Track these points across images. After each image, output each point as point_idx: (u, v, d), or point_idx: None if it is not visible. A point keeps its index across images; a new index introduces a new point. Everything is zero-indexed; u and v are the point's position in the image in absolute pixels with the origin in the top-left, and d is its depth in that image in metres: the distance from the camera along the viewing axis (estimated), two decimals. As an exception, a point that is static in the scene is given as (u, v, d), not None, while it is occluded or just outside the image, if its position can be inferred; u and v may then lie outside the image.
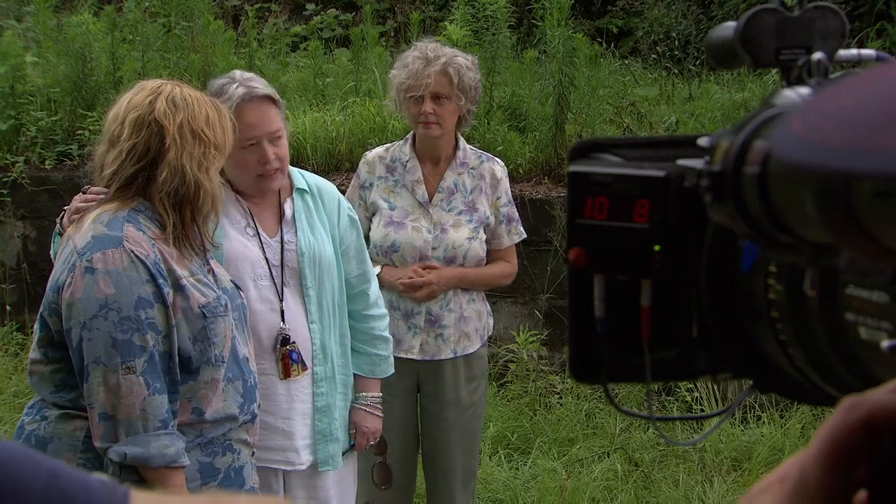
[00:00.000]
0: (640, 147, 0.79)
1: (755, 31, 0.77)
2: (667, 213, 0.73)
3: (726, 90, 6.99)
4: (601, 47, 7.18)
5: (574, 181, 0.77)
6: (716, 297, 0.74)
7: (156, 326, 2.29)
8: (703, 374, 0.79)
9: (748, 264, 0.70)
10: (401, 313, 3.50)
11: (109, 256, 2.28)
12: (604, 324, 0.77)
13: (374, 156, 3.59)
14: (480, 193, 3.55)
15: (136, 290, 2.27)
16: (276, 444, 2.91)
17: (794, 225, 0.51)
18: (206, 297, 2.39)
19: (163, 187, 2.35)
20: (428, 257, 3.47)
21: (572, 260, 0.76)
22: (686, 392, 5.19)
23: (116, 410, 2.26)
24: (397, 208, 3.50)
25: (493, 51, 6.33)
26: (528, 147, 6.02)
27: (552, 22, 6.06)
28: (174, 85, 2.44)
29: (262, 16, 8.60)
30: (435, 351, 3.52)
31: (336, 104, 6.53)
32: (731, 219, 0.56)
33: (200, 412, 2.41)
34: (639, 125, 6.44)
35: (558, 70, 6.03)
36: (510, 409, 5.28)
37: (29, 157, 6.44)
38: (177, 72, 6.60)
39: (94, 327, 2.25)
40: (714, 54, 0.82)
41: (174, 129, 2.35)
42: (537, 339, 5.44)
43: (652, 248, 0.74)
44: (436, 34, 6.64)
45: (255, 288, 2.86)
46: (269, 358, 2.87)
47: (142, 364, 2.27)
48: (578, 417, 5.17)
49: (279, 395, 2.90)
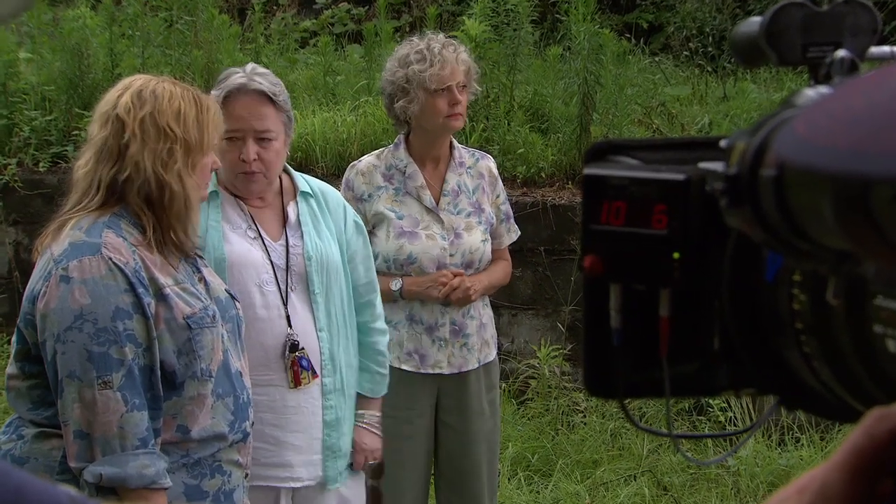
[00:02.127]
0: (660, 149, 0.80)
1: (781, 26, 0.77)
2: (687, 219, 0.74)
3: (763, 89, 6.98)
4: (629, 43, 7.18)
5: (589, 185, 0.77)
6: (738, 307, 0.74)
7: (135, 338, 2.27)
8: (726, 390, 0.80)
9: (772, 273, 0.71)
10: (423, 327, 3.50)
11: (86, 264, 2.27)
12: (620, 335, 0.78)
13: (366, 165, 3.57)
14: (483, 193, 3.60)
15: (114, 300, 2.26)
16: (285, 459, 2.91)
17: (813, 231, 0.51)
18: (192, 308, 2.38)
19: (132, 187, 2.35)
20: (446, 265, 3.48)
21: (587, 268, 0.77)
22: (719, 411, 5.17)
23: (92, 428, 2.25)
24: (405, 217, 3.50)
25: (515, 47, 6.34)
26: (551, 150, 6.02)
27: (577, 17, 6.07)
28: (155, 81, 2.43)
29: (270, 10, 8.63)
30: (461, 362, 3.54)
31: (347, 104, 6.55)
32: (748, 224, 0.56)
33: (186, 430, 2.39)
34: (669, 127, 6.44)
35: (583, 68, 6.04)
36: (530, 428, 5.27)
37: (22, 159, 6.48)
38: (179, 69, 6.64)
39: (69, 339, 2.25)
40: (739, 51, 0.83)
41: (134, 124, 2.34)
42: (560, 353, 5.44)
43: (671, 255, 0.74)
44: (454, 29, 6.65)
45: (261, 294, 2.87)
46: (277, 367, 2.87)
47: (119, 378, 2.25)
48: (603, 438, 5.16)
49: (288, 408, 2.89)
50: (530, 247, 5.50)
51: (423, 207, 3.52)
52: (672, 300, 0.76)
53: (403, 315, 3.50)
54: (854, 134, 0.41)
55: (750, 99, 6.74)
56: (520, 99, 6.41)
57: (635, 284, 0.77)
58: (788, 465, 4.92)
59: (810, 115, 0.45)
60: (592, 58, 6.05)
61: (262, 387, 2.81)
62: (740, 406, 5.10)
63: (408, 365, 3.50)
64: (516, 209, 5.43)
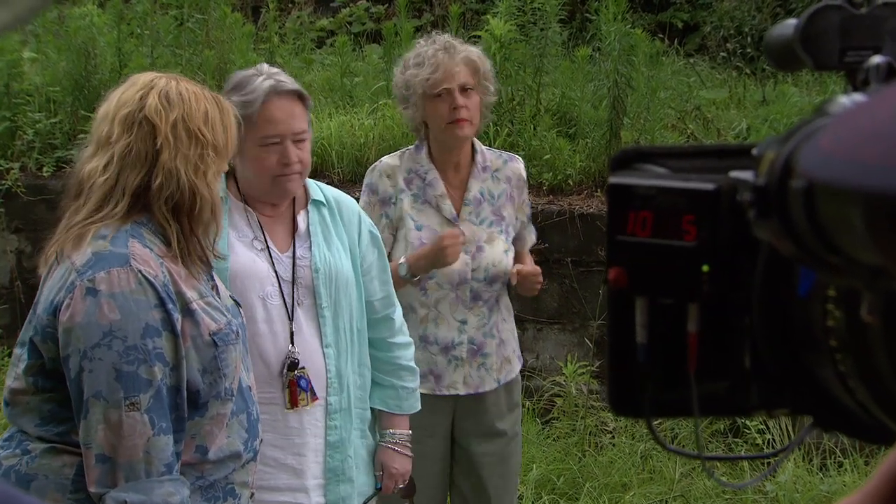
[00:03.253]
0: (689, 157, 0.81)
1: (818, 29, 0.78)
2: (716, 230, 0.75)
3: (805, 93, 6.96)
4: (663, 44, 7.18)
5: (614, 194, 0.78)
6: (770, 323, 0.75)
7: (163, 357, 2.24)
8: (757, 410, 0.80)
9: (805, 288, 0.71)
10: (438, 347, 3.49)
11: (115, 277, 2.23)
12: (646, 351, 0.78)
13: (387, 166, 3.55)
14: (507, 199, 3.58)
15: (144, 316, 2.22)
16: (284, 483, 2.89)
17: (845, 245, 0.52)
18: (217, 323, 2.36)
19: (159, 195, 2.32)
20: (467, 281, 3.47)
21: (612, 280, 0.78)
22: (756, 434, 5.15)
23: (116, 452, 2.22)
24: (424, 228, 3.48)
25: (542, 48, 6.35)
26: (579, 156, 6.02)
27: (608, 16, 6.07)
28: (170, 79, 2.41)
29: (285, 8, 8.68)
30: (478, 383, 3.53)
31: (365, 106, 6.58)
32: (777, 237, 0.57)
33: (204, 451, 2.37)
34: (705, 132, 6.43)
35: (614, 70, 6.04)
36: (556, 449, 5.26)
37: (25, 164, 6.53)
38: (189, 69, 6.68)
39: (96, 357, 2.21)
40: (773, 55, 0.84)
41: (167, 128, 2.32)
42: (587, 370, 5.43)
43: (700, 268, 0.75)
44: (477, 29, 6.68)
45: (264, 308, 2.86)
46: (277, 384, 2.86)
47: (147, 400, 2.22)
48: (633, 460, 5.14)
49: (290, 428, 2.88)
50: (557, 258, 5.51)
51: (442, 219, 3.50)
52: (701, 315, 0.76)
53: (417, 335, 3.46)
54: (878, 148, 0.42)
55: (791, 103, 6.72)
56: (546, 102, 6.42)
57: (662, 298, 0.78)
58: (830, 492, 4.88)
59: (835, 128, 0.45)
60: (623, 59, 6.05)
61: (263, 405, 2.78)
62: (779, 428, 5.08)
63: (423, 388, 3.49)
64: (542, 217, 5.45)
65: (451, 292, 3.47)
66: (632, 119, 6.22)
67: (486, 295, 3.50)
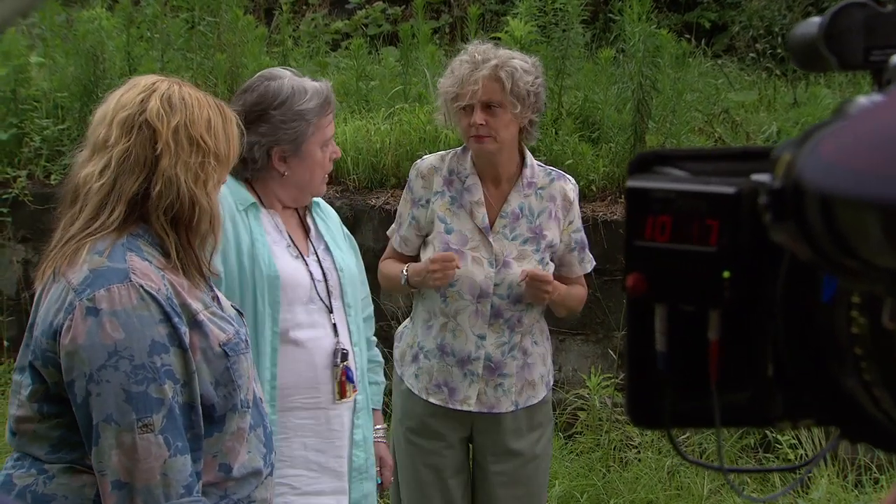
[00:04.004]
0: (709, 160, 0.81)
1: (842, 28, 0.78)
2: (738, 235, 0.75)
3: (839, 94, 6.94)
4: (689, 45, 7.17)
5: (632, 198, 0.79)
6: (793, 331, 0.75)
7: (173, 374, 2.21)
8: (782, 421, 0.80)
9: (829, 294, 0.71)
10: (455, 359, 3.49)
11: (115, 294, 2.20)
12: (666, 360, 0.78)
13: (428, 166, 3.56)
14: (550, 218, 3.53)
15: (150, 333, 2.19)
16: (328, 486, 2.97)
17: (863, 250, 0.52)
18: (226, 333, 2.34)
19: (158, 203, 2.28)
20: (488, 295, 3.45)
21: (630, 287, 0.78)
22: (788, 448, 5.13)
23: (133, 477, 2.19)
24: (454, 232, 3.49)
25: (563, 50, 6.36)
26: (602, 161, 6.02)
27: (632, 16, 6.07)
28: (172, 83, 2.38)
29: (299, 10, 8.71)
30: (493, 403, 3.52)
31: (381, 111, 6.59)
32: (793, 241, 0.57)
33: (228, 468, 2.35)
34: (733, 136, 6.42)
35: (638, 72, 6.04)
36: (579, 464, 5.26)
37: (32, 171, 6.58)
38: (201, 74, 6.72)
39: (103, 379, 2.17)
40: (797, 55, 0.84)
41: (168, 133, 2.29)
42: (611, 383, 5.43)
43: (721, 274, 0.75)
44: (497, 30, 6.69)
45: (307, 312, 2.95)
46: (325, 384, 2.95)
47: (160, 420, 2.19)
48: (660, 476, 5.13)
49: (332, 431, 2.97)
50: (580, 266, 5.50)
51: (474, 226, 3.49)
52: (722, 322, 0.77)
53: (435, 344, 3.49)
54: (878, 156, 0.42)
55: (823, 105, 6.70)
56: (568, 105, 6.42)
57: (682, 305, 0.78)
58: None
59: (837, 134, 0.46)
60: (648, 61, 6.05)
61: (308, 410, 2.91)
62: (812, 443, 5.06)
63: (435, 398, 3.51)
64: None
65: (472, 305, 3.46)
66: (657, 123, 6.22)
67: (507, 313, 3.47)
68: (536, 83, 3.45)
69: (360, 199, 6.01)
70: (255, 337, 2.83)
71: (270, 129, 2.89)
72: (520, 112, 3.40)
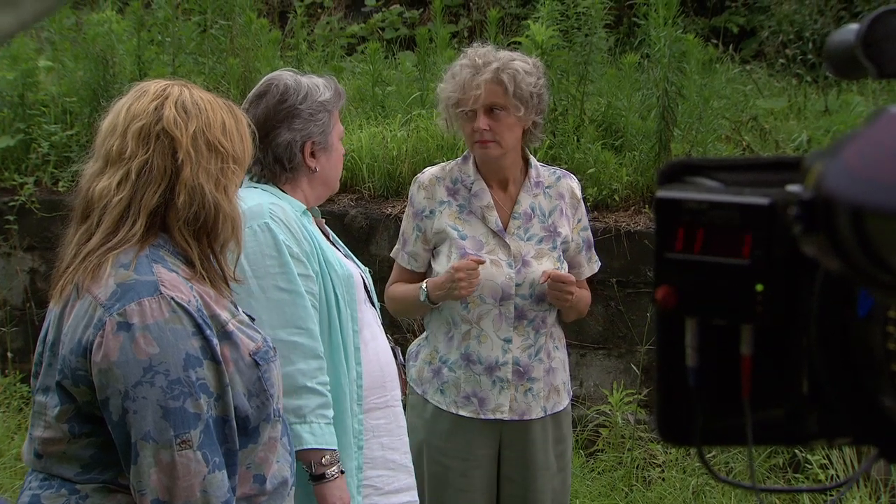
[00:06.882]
0: (742, 170, 0.81)
1: (880, 35, 0.78)
2: (772, 248, 0.75)
3: (871, 101, 6.92)
4: (717, 50, 7.16)
5: (662, 209, 0.79)
6: (828, 346, 0.75)
7: (207, 388, 2.22)
8: (817, 439, 0.81)
9: (865, 308, 0.71)
10: (482, 367, 3.51)
11: (146, 307, 2.19)
12: (697, 375, 0.79)
13: (429, 178, 3.61)
14: (561, 215, 3.60)
15: (184, 346, 2.20)
16: (404, 483, 3.10)
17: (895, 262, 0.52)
18: (255, 342, 2.35)
19: (182, 214, 2.29)
20: (511, 296, 3.48)
21: (660, 300, 0.78)
22: (819, 469, 5.10)
23: (172, 495, 2.19)
24: (468, 238, 3.52)
25: (586, 55, 6.36)
26: (626, 169, 6.02)
27: (657, 20, 6.07)
28: (181, 86, 2.38)
29: (314, 13, 8.74)
30: (524, 409, 3.54)
31: (398, 117, 6.60)
32: (823, 253, 0.57)
33: (262, 480, 2.36)
34: (762, 144, 6.41)
35: (663, 78, 6.04)
36: (601, 483, 5.25)
37: (40, 178, 6.60)
38: (213, 78, 6.74)
39: (139, 396, 2.17)
40: (834, 63, 0.84)
41: (187, 141, 2.29)
42: (634, 399, 5.41)
43: (754, 287, 0.75)
44: (517, 34, 6.69)
45: (365, 312, 3.07)
46: (392, 382, 3.10)
47: (198, 435, 2.20)
48: (684, 496, 5.12)
49: (401, 428, 3.12)
50: (601, 278, 5.49)
51: (488, 230, 3.53)
52: (755, 337, 0.77)
53: (459, 354, 3.50)
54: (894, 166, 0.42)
55: (855, 113, 6.68)
56: (591, 112, 6.42)
57: (714, 319, 0.78)
58: (898, 531, 4.84)
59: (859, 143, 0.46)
60: (674, 66, 6.04)
61: (380, 409, 3.04)
62: (843, 462, 5.04)
63: (466, 410, 3.51)
64: (587, 236, 5.44)
65: (494, 308, 3.49)
66: (683, 130, 6.21)
67: (531, 314, 3.51)
68: (539, 84, 3.51)
69: (376, 208, 6.01)
70: (333, 337, 2.92)
71: (303, 123, 2.96)
72: (523, 114, 3.46)
